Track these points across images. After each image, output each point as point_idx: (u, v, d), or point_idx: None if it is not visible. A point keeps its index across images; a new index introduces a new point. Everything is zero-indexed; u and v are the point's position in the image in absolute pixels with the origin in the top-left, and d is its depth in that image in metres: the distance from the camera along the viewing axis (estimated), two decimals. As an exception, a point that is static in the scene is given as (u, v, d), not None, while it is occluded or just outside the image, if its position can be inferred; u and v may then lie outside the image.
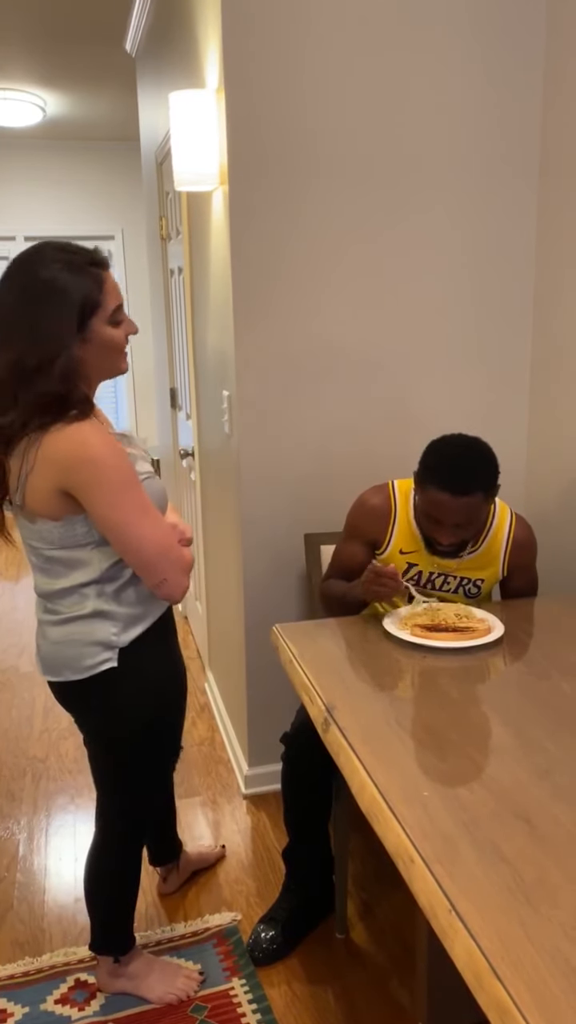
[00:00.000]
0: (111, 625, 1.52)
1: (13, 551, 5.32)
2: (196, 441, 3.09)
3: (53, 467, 1.38)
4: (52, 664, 1.56)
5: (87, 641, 1.52)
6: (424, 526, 1.84)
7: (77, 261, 1.41)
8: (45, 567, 1.52)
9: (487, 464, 1.75)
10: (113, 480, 1.39)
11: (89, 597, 1.50)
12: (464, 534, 1.80)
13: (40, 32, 3.92)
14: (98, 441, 1.38)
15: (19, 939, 2.00)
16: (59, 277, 1.38)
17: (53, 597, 1.53)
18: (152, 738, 1.64)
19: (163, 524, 1.47)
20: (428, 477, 1.75)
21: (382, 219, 2.25)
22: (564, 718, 1.38)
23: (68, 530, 1.45)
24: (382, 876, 2.18)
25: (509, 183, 2.32)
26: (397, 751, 1.29)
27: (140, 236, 6.36)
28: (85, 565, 1.49)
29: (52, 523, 1.45)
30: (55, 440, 1.37)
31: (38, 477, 1.40)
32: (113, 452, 1.40)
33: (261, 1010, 1.76)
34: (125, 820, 1.73)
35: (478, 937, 0.90)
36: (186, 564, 1.51)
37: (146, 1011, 1.77)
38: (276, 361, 2.27)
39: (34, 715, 3.14)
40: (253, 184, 2.15)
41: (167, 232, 3.55)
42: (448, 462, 1.75)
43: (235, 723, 2.74)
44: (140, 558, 1.45)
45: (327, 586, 2.01)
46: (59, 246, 1.43)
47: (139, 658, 1.55)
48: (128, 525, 1.42)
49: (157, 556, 1.45)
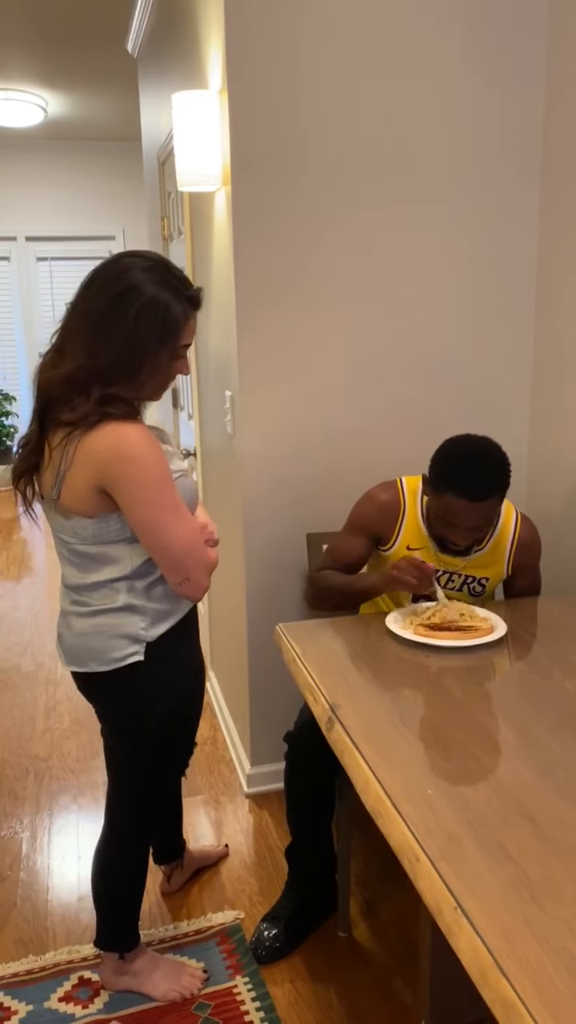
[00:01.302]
0: (140, 619, 1.54)
1: (14, 551, 5.33)
2: (198, 441, 3.10)
3: (92, 464, 1.41)
4: (77, 655, 1.58)
5: (116, 634, 1.54)
6: (437, 528, 1.84)
7: (178, 287, 1.46)
8: (76, 561, 1.54)
9: (502, 467, 1.76)
10: (149, 477, 1.42)
11: (120, 591, 1.53)
12: (478, 535, 1.82)
13: (41, 33, 3.93)
14: (137, 438, 1.41)
15: (23, 937, 2.01)
16: (161, 296, 1.43)
17: (83, 590, 1.54)
18: (170, 733, 1.66)
19: (192, 523, 1.50)
20: (444, 485, 1.74)
21: (385, 220, 2.26)
22: (567, 717, 1.39)
23: (102, 527, 1.48)
24: (385, 875, 2.19)
25: (511, 183, 2.33)
26: (401, 750, 1.30)
27: (142, 236, 6.35)
28: (117, 561, 1.51)
29: (87, 520, 1.47)
30: (96, 438, 1.40)
31: (77, 474, 1.43)
32: (151, 450, 1.43)
33: (264, 1008, 1.77)
34: (135, 815, 1.74)
35: (483, 934, 0.91)
36: (210, 564, 1.54)
37: (149, 1009, 1.77)
38: (278, 362, 2.28)
39: (36, 714, 3.14)
40: (256, 185, 2.15)
41: (169, 232, 3.55)
42: (465, 469, 1.74)
43: (237, 722, 2.75)
44: (167, 556, 1.47)
45: (322, 576, 1.99)
46: (165, 263, 1.48)
47: (164, 653, 1.57)
48: (159, 522, 1.44)
49: (183, 554, 1.47)
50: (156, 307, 1.42)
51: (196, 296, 1.49)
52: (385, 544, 1.95)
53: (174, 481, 1.48)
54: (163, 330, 1.44)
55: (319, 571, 2.03)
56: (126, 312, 1.41)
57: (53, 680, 3.42)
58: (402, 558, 1.78)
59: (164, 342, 1.45)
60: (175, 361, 1.50)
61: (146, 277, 1.42)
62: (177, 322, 1.45)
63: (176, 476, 1.51)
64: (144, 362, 1.44)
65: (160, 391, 1.53)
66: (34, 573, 4.89)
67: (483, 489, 1.72)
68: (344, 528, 2.02)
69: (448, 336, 2.39)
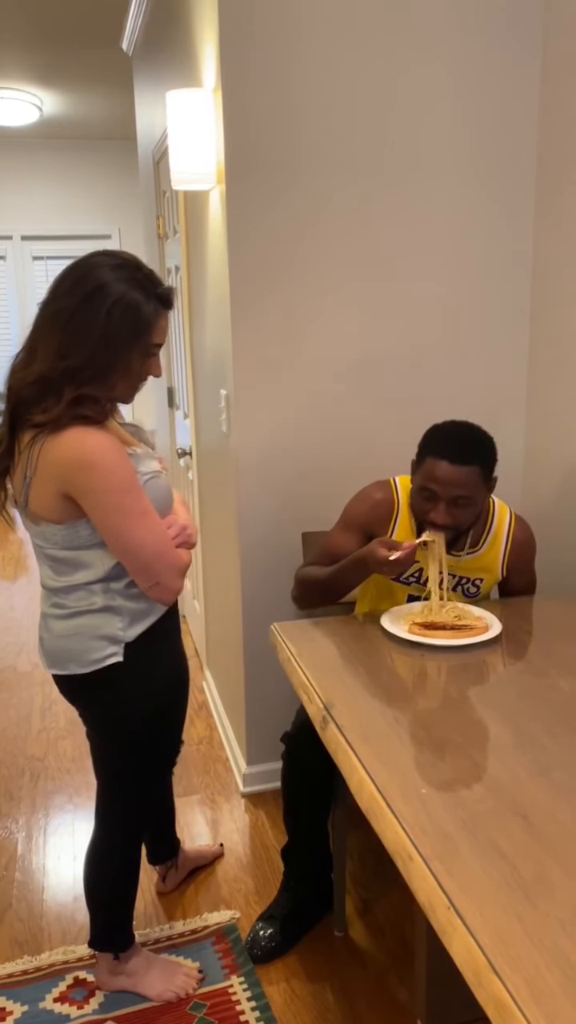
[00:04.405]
0: (118, 620, 1.53)
1: (10, 550, 5.32)
2: (194, 440, 3.09)
3: (55, 472, 1.40)
4: (57, 657, 1.57)
5: (94, 635, 1.53)
6: (418, 506, 1.80)
7: (147, 285, 1.44)
8: (51, 564, 1.53)
9: (485, 441, 1.77)
10: (112, 485, 1.40)
11: (96, 593, 1.52)
12: (460, 516, 1.75)
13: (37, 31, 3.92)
14: (98, 445, 1.39)
15: (18, 938, 2.01)
16: (131, 295, 1.41)
17: (60, 592, 1.54)
18: (154, 733, 1.65)
19: (160, 528, 1.48)
20: (426, 450, 1.76)
21: (379, 217, 2.26)
22: (562, 715, 1.39)
23: (72, 533, 1.46)
24: (381, 874, 2.19)
25: (507, 183, 2.32)
26: (395, 749, 1.30)
27: (137, 235, 6.35)
28: (90, 565, 1.50)
29: (56, 526, 1.46)
30: (58, 445, 1.39)
31: (42, 481, 1.41)
32: (113, 457, 1.40)
33: (260, 1008, 1.77)
34: (125, 815, 1.74)
35: (477, 934, 0.90)
36: (181, 567, 1.52)
37: (145, 1009, 1.77)
38: (274, 360, 2.27)
39: (32, 714, 3.14)
40: (250, 183, 2.15)
41: (164, 231, 3.55)
42: (448, 435, 1.76)
43: (233, 721, 2.74)
44: (136, 561, 1.46)
45: (307, 571, 1.96)
46: (135, 262, 1.46)
47: (144, 653, 1.56)
48: (125, 528, 1.43)
49: (152, 559, 1.46)
50: (126, 306, 1.41)
51: (166, 295, 1.47)
52: None
53: (143, 485, 1.47)
54: (134, 329, 1.43)
55: (305, 567, 2.00)
56: (96, 311, 1.39)
57: (49, 680, 3.41)
58: (378, 541, 1.73)
59: (135, 341, 1.44)
60: (147, 360, 1.49)
61: (115, 276, 1.41)
62: (148, 321, 1.44)
63: (147, 478, 1.49)
64: (116, 362, 1.43)
65: (132, 392, 1.52)
66: (30, 572, 4.88)
67: (464, 453, 1.71)
68: (337, 525, 2.00)
69: (443, 335, 2.39)
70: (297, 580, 1.99)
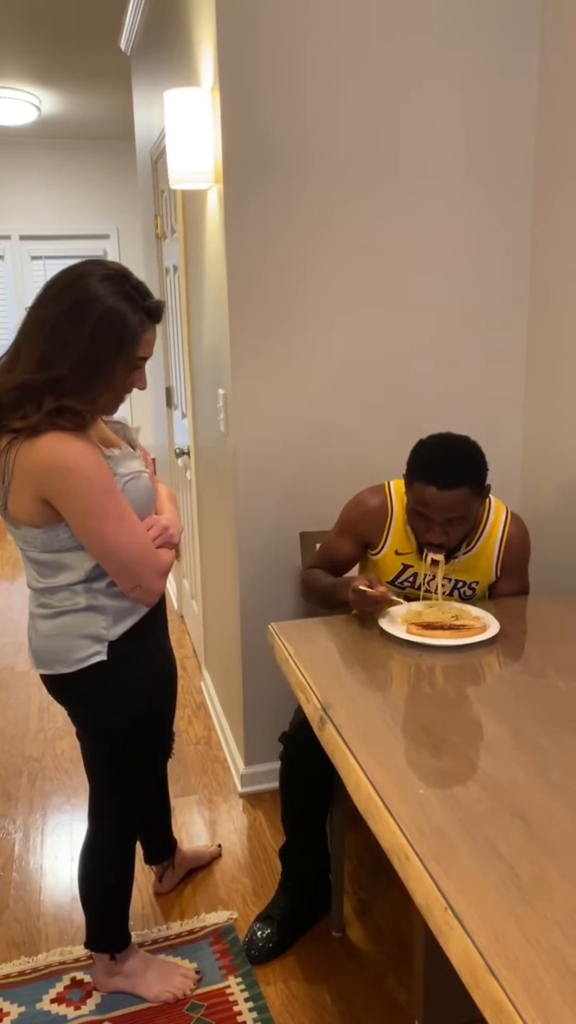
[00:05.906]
0: (102, 619, 1.53)
1: (9, 550, 5.32)
2: (192, 440, 3.09)
3: (31, 478, 1.39)
4: (43, 657, 1.57)
5: (78, 634, 1.53)
6: (415, 527, 1.83)
7: (136, 298, 1.42)
8: (34, 566, 1.53)
9: (473, 458, 1.76)
10: (87, 490, 1.39)
11: (79, 593, 1.52)
12: (454, 533, 1.78)
13: (35, 30, 3.91)
14: (73, 450, 1.38)
15: (15, 939, 2.00)
16: (118, 307, 1.39)
17: (44, 592, 1.54)
18: (143, 731, 1.65)
19: (139, 530, 1.47)
20: (415, 475, 1.76)
21: (377, 217, 2.25)
22: (559, 716, 1.38)
23: (51, 536, 1.46)
24: (379, 874, 2.19)
25: (505, 184, 2.32)
26: (393, 749, 1.29)
27: (135, 234, 6.35)
28: (71, 568, 1.50)
29: (36, 530, 1.46)
30: (35, 450, 1.38)
31: (19, 486, 1.41)
32: (89, 461, 1.39)
33: (257, 1008, 1.76)
34: (117, 815, 1.73)
35: (474, 934, 0.90)
36: (162, 568, 1.52)
37: (142, 1010, 1.77)
38: (271, 360, 2.27)
39: (30, 714, 3.13)
40: (248, 182, 2.14)
41: (162, 230, 3.54)
42: (433, 457, 1.75)
43: (231, 722, 2.74)
44: (115, 564, 1.46)
45: (311, 574, 2.00)
46: (124, 273, 1.44)
47: (129, 652, 1.56)
48: (103, 532, 1.42)
49: (131, 562, 1.46)
50: (112, 319, 1.39)
51: (155, 308, 1.45)
52: (374, 548, 1.95)
53: (122, 487, 1.46)
54: (119, 342, 1.41)
55: (309, 568, 2.04)
56: (82, 323, 1.38)
57: (47, 680, 3.41)
58: (353, 589, 1.74)
59: (120, 354, 1.42)
60: (131, 373, 1.47)
61: (103, 287, 1.39)
62: (134, 334, 1.42)
63: (126, 480, 1.49)
64: (99, 374, 1.41)
65: (115, 404, 1.50)
66: (28, 573, 4.87)
67: (452, 477, 1.71)
68: (334, 529, 2.02)
69: (442, 335, 2.39)
70: (301, 581, 2.05)
